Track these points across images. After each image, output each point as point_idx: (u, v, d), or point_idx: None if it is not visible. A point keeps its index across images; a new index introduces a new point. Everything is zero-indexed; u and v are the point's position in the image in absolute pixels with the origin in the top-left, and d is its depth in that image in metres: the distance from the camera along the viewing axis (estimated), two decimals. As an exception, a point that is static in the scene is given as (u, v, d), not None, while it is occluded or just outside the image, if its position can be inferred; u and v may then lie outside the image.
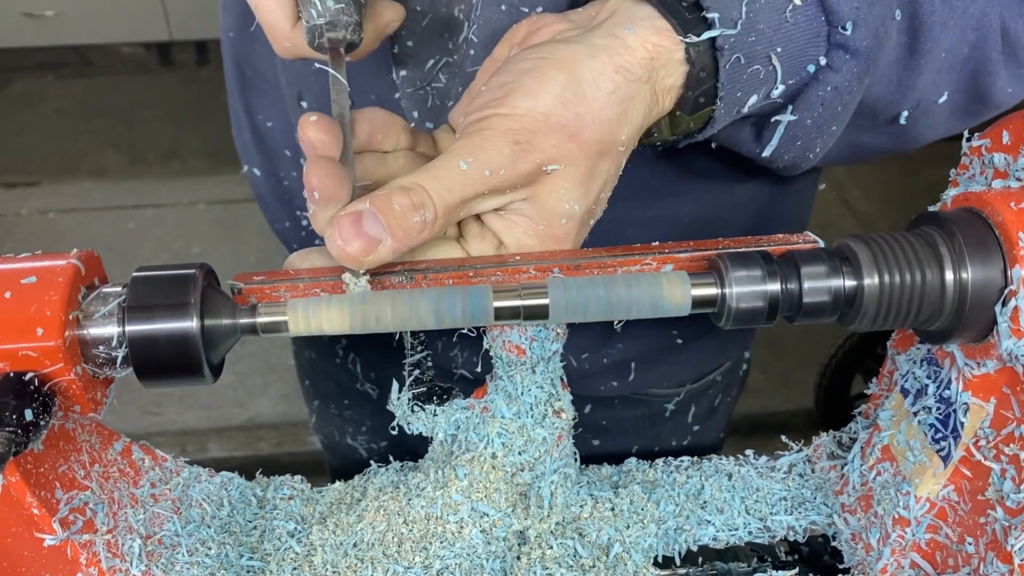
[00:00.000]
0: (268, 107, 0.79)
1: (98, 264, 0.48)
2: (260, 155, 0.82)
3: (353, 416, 0.95)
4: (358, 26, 0.52)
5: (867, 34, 0.50)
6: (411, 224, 0.45)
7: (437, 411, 0.58)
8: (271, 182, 0.83)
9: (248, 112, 0.81)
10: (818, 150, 0.56)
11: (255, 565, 0.57)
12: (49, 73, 3.60)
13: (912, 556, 0.55)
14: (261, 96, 0.79)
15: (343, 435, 0.97)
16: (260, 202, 0.86)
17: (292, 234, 0.84)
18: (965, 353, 0.49)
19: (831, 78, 0.51)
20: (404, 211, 0.45)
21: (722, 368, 0.86)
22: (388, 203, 0.45)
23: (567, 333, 0.55)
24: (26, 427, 0.42)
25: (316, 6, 0.50)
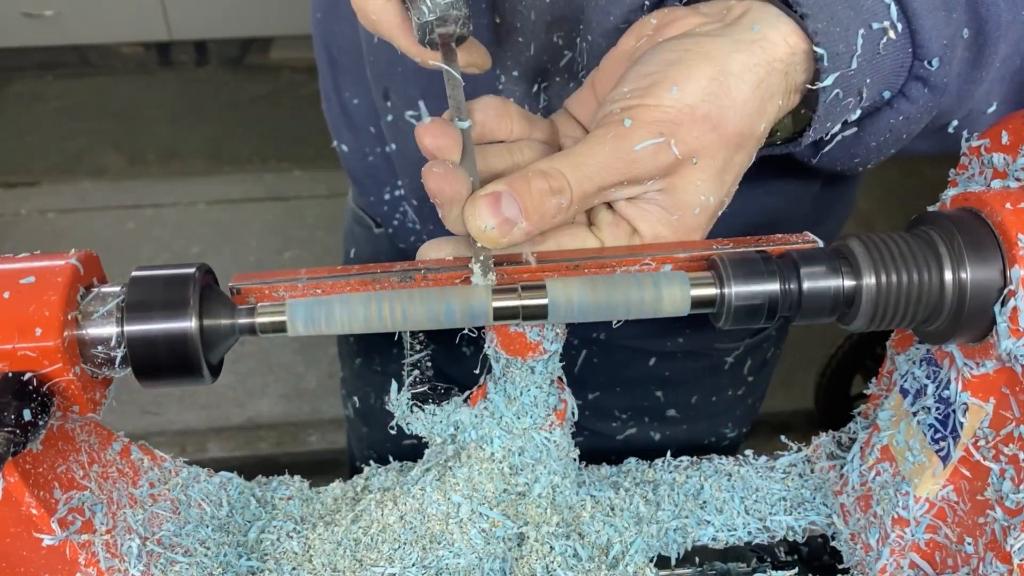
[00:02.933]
0: (354, 85, 0.81)
1: (97, 264, 0.48)
2: (348, 131, 0.85)
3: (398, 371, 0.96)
4: (467, 19, 0.52)
5: (949, 71, 0.51)
6: (547, 208, 0.46)
7: (436, 411, 0.58)
8: (357, 157, 0.86)
9: (336, 90, 0.84)
10: (870, 165, 0.57)
11: (254, 565, 0.57)
12: (49, 73, 3.59)
13: (911, 556, 0.55)
14: (347, 75, 0.82)
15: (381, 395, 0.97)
16: (349, 175, 0.90)
17: (377, 206, 0.88)
18: (964, 353, 0.49)
19: (905, 108, 0.52)
20: (541, 195, 0.46)
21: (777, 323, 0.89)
22: (526, 186, 0.46)
23: (567, 333, 0.55)
24: (25, 427, 0.42)
25: (426, 2, 0.50)
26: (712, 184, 0.49)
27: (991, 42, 0.54)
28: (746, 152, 0.50)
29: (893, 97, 0.52)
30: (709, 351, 0.86)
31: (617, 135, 0.47)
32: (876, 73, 0.51)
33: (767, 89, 0.49)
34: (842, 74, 0.49)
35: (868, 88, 0.51)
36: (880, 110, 0.53)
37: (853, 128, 0.54)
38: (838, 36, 0.49)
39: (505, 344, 0.54)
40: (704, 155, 0.48)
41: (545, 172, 0.46)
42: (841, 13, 0.49)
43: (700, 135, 0.47)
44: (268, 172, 3.11)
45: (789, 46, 0.49)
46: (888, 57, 0.50)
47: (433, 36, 0.52)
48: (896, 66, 0.51)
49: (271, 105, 3.48)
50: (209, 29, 3.48)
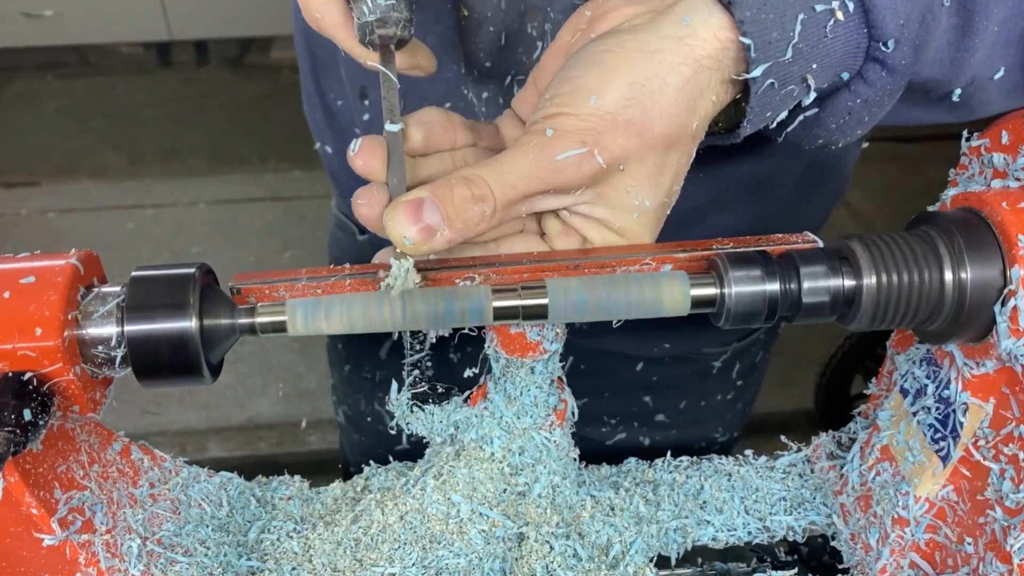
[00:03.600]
0: (338, 86, 0.80)
1: (97, 264, 0.48)
2: (331, 132, 0.84)
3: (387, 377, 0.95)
4: (408, 23, 0.52)
5: (907, 52, 0.49)
6: (469, 215, 0.46)
7: (436, 411, 0.58)
8: (341, 159, 0.84)
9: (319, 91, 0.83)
10: (841, 143, 0.55)
11: (254, 565, 0.57)
12: (49, 73, 3.60)
13: (911, 556, 0.55)
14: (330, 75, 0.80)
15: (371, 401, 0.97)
16: (332, 178, 0.88)
17: None
18: (964, 353, 0.49)
19: (863, 90, 0.50)
20: (464, 202, 0.45)
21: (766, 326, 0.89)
22: (448, 193, 0.45)
23: (567, 333, 0.55)
24: (25, 427, 0.42)
25: (367, 2, 0.50)
26: (646, 188, 0.48)
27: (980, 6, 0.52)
28: (681, 151, 0.49)
29: (851, 79, 0.50)
30: (696, 356, 0.86)
31: (540, 144, 0.46)
32: (825, 57, 0.48)
33: (695, 87, 0.47)
34: (775, 63, 0.47)
35: (816, 73, 0.48)
36: (838, 91, 0.51)
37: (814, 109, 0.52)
38: (771, 23, 0.46)
39: (505, 344, 0.54)
40: (631, 160, 0.47)
41: (468, 179, 0.46)
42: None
43: (624, 142, 0.46)
44: (268, 172, 3.11)
45: (719, 40, 0.47)
46: (839, 39, 0.48)
47: (373, 37, 0.52)
48: (851, 47, 0.48)
49: (271, 105, 3.48)
50: (209, 29, 3.48)
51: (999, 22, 0.53)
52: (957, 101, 0.56)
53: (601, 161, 0.46)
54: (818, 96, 0.51)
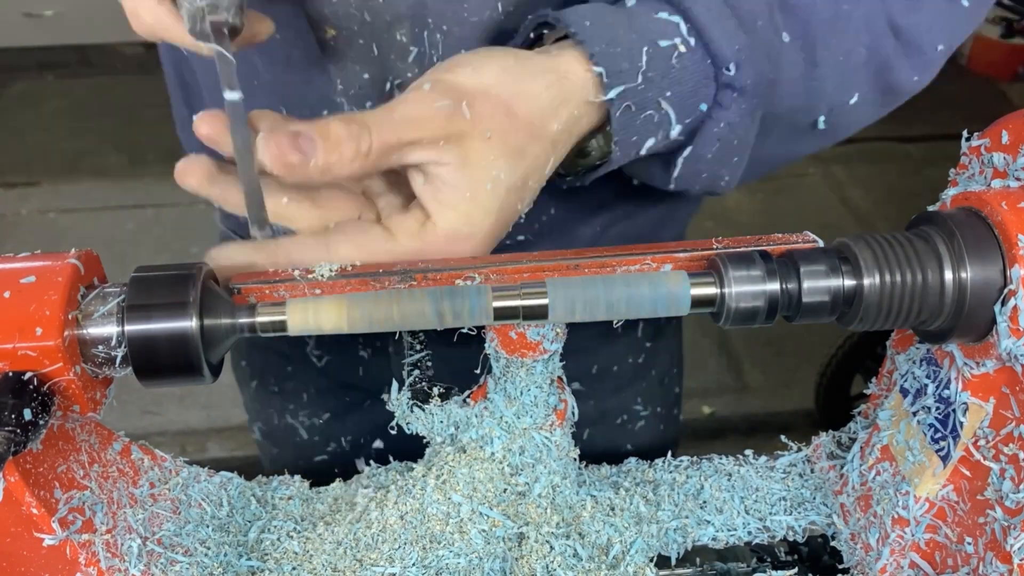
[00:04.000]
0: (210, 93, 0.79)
1: (97, 264, 0.48)
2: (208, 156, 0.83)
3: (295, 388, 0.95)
4: (240, 9, 0.51)
5: (751, 73, 0.54)
6: (345, 150, 0.48)
7: (436, 411, 0.58)
8: None
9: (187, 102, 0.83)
10: (727, 178, 0.60)
11: (254, 565, 0.57)
12: (49, 73, 3.60)
13: (911, 556, 0.55)
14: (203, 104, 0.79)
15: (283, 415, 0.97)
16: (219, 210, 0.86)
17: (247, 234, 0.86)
18: (964, 353, 0.49)
19: (722, 115, 0.55)
20: (340, 137, 0.48)
21: None
22: (325, 128, 0.48)
23: (567, 333, 0.55)
24: (25, 427, 0.42)
25: None
26: (504, 163, 0.51)
27: (819, 40, 0.58)
28: (540, 146, 0.53)
29: (710, 108, 0.55)
30: None
31: (417, 96, 0.50)
32: (676, 85, 0.54)
33: (560, 92, 0.52)
34: (629, 88, 0.53)
35: (672, 102, 0.54)
36: (703, 123, 0.56)
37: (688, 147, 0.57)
38: (620, 55, 0.52)
39: (505, 344, 0.54)
40: (496, 131, 0.51)
41: (345, 120, 0.48)
42: (623, 36, 0.53)
43: (492, 112, 0.51)
44: (268, 172, 3.10)
45: (582, 67, 0.53)
46: (687, 70, 0.54)
47: (204, 25, 0.51)
48: (700, 76, 0.54)
49: (271, 105, 3.47)
50: (209, 29, 3.47)
51: (841, 52, 0.59)
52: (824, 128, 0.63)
53: (467, 114, 0.50)
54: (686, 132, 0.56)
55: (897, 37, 0.60)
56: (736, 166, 0.59)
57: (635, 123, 0.54)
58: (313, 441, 0.96)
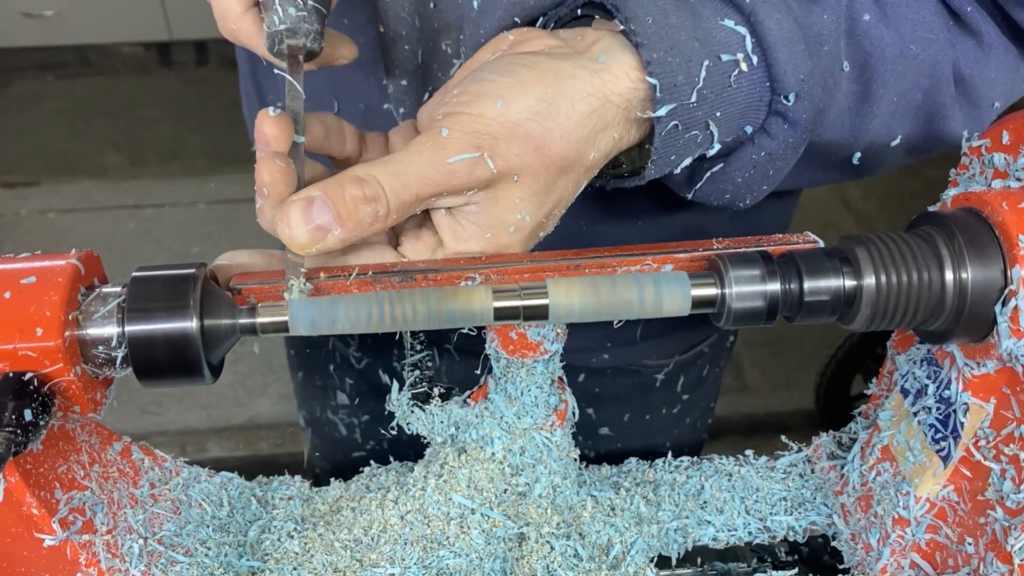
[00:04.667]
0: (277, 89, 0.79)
1: (98, 264, 0.48)
2: None
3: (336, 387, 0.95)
4: (319, 35, 0.52)
5: (808, 107, 0.50)
6: (362, 216, 0.45)
7: (436, 411, 0.58)
8: None
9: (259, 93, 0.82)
10: (749, 200, 0.56)
11: (255, 565, 0.57)
12: (49, 73, 3.59)
13: (912, 556, 0.55)
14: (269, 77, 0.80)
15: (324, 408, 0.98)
16: None
17: None
18: (965, 353, 0.49)
19: (766, 144, 0.51)
20: (356, 202, 0.45)
21: (709, 340, 0.88)
22: (340, 193, 0.45)
23: (567, 333, 0.55)
24: (26, 427, 0.42)
25: (278, 12, 0.50)
26: (531, 204, 0.49)
27: (878, 75, 0.54)
28: (572, 178, 0.49)
29: (755, 133, 0.51)
30: (638, 368, 0.85)
31: (434, 144, 0.46)
32: (728, 106, 0.49)
33: (600, 120, 0.48)
34: (680, 106, 0.48)
35: (720, 122, 0.50)
36: (743, 145, 0.52)
37: (719, 163, 0.53)
38: (677, 67, 0.48)
39: (505, 344, 0.54)
40: (525, 174, 0.47)
41: (361, 179, 0.45)
42: (684, 44, 0.48)
43: (521, 153, 0.47)
44: (268, 172, 3.10)
45: (631, 80, 0.48)
46: (742, 90, 0.49)
47: (282, 47, 0.51)
48: (754, 100, 0.50)
49: (271, 105, 3.47)
50: (209, 29, 3.43)
51: (897, 93, 0.55)
52: (857, 164, 0.59)
53: (493, 167, 0.46)
54: (723, 151, 0.52)
55: (958, 86, 0.57)
56: (763, 192, 0.56)
57: (678, 142, 0.50)
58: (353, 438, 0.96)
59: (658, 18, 0.48)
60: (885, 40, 0.53)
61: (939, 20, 0.55)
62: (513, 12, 0.55)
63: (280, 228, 0.46)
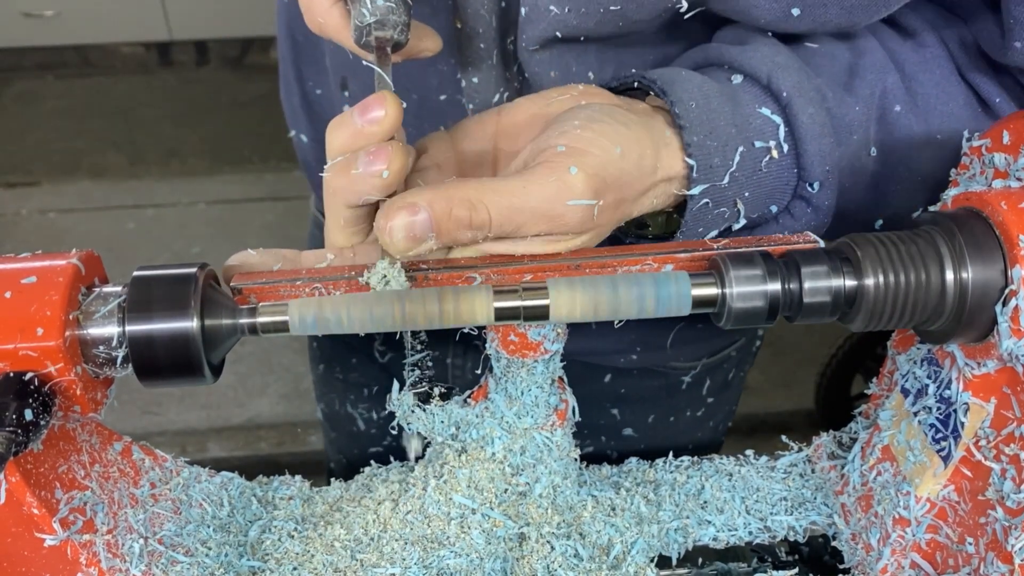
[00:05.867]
0: (318, 75, 0.80)
1: (98, 264, 0.48)
2: (308, 121, 0.84)
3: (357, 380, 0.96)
4: (406, 27, 0.52)
5: (831, 195, 0.53)
6: (460, 238, 0.46)
7: (437, 411, 0.58)
8: (317, 149, 0.84)
9: (299, 79, 0.83)
10: None
11: (255, 565, 0.57)
12: (49, 73, 3.59)
13: (912, 556, 0.55)
14: (311, 64, 0.80)
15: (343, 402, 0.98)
16: (306, 168, 0.88)
17: None
18: (965, 353, 0.49)
19: (788, 223, 0.54)
20: (459, 224, 0.45)
21: (737, 344, 0.89)
22: (447, 211, 0.45)
23: (567, 333, 0.55)
24: (26, 427, 0.42)
25: (366, 4, 0.50)
26: None
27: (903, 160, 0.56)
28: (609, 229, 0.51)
29: (779, 212, 0.55)
30: (665, 369, 0.85)
31: (559, 181, 0.45)
32: (757, 188, 0.52)
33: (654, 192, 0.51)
34: (712, 186, 0.51)
35: (748, 201, 0.53)
36: (767, 222, 0.55)
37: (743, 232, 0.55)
38: (714, 150, 0.50)
39: (506, 344, 0.54)
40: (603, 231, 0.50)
41: (472, 204, 0.45)
42: (723, 129, 0.51)
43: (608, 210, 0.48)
44: (268, 172, 3.11)
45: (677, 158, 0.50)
46: (771, 175, 0.52)
47: (370, 39, 0.52)
48: (781, 184, 0.53)
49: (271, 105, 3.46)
50: (209, 29, 3.47)
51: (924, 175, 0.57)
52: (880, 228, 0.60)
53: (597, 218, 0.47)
54: (747, 225, 0.55)
55: None
56: None
57: (707, 217, 0.52)
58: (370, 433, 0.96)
59: (701, 103, 0.51)
60: (914, 129, 0.56)
61: (968, 112, 0.57)
62: (555, 27, 0.56)
63: (380, 227, 0.45)
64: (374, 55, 0.52)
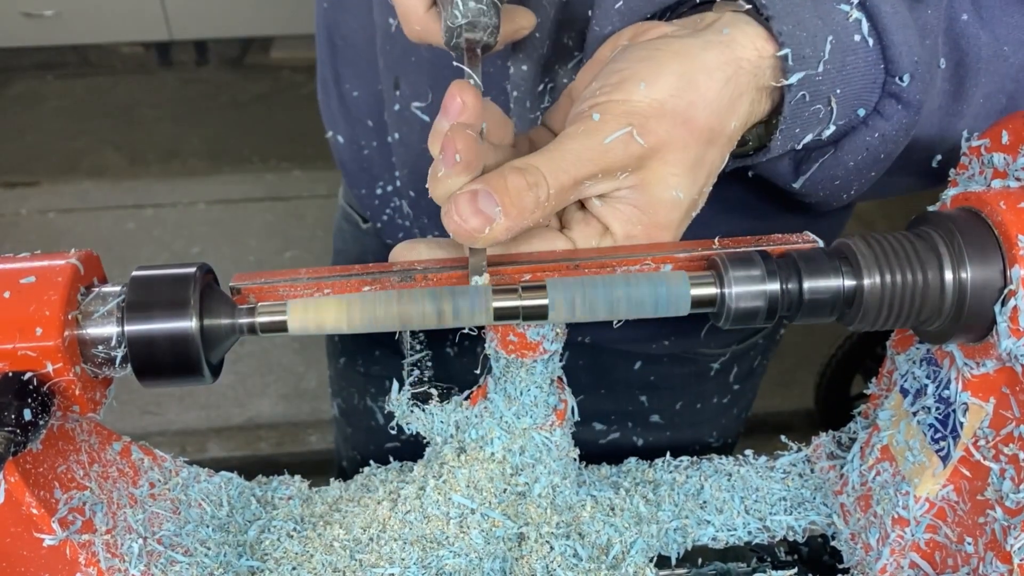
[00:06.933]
0: (355, 77, 0.82)
1: (97, 264, 0.48)
2: (344, 122, 0.85)
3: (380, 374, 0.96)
4: (496, 29, 0.53)
5: (920, 88, 0.52)
6: (525, 203, 0.46)
7: (436, 411, 0.58)
8: (352, 149, 0.86)
9: (336, 80, 0.84)
10: (853, 191, 0.58)
11: (254, 565, 0.57)
12: (49, 73, 3.60)
13: (911, 556, 0.55)
14: (349, 66, 0.82)
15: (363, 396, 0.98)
16: (341, 167, 0.90)
17: (367, 200, 0.87)
18: (964, 353, 0.49)
19: (880, 125, 0.53)
20: (518, 190, 0.45)
21: (764, 331, 0.90)
22: (503, 182, 0.45)
23: (567, 333, 0.55)
24: (25, 427, 0.42)
25: (458, 6, 0.51)
26: (684, 179, 0.49)
27: (971, 74, 0.55)
28: (718, 149, 0.50)
29: (868, 115, 0.53)
30: (695, 356, 0.86)
31: (587, 129, 0.47)
32: (846, 84, 0.51)
33: (736, 86, 0.49)
34: (808, 76, 0.50)
35: (839, 99, 0.51)
36: (856, 128, 0.54)
37: (831, 149, 0.55)
38: (804, 40, 0.50)
39: (505, 344, 0.54)
40: (674, 148, 0.48)
41: (520, 168, 0.46)
42: (809, 21, 0.50)
43: (670, 128, 0.48)
44: (268, 172, 3.11)
45: (757, 49, 0.50)
46: (859, 71, 0.51)
47: (460, 40, 0.52)
48: (868, 81, 0.52)
49: (271, 105, 3.48)
50: (209, 29, 3.48)
51: (984, 95, 0.57)
52: (936, 168, 0.60)
53: (642, 142, 0.47)
54: (835, 136, 0.53)
55: None
56: (869, 181, 0.57)
57: (804, 114, 0.51)
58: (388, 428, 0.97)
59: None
60: (981, 40, 0.55)
61: None
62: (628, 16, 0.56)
63: (449, 218, 0.46)
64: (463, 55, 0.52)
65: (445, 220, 0.46)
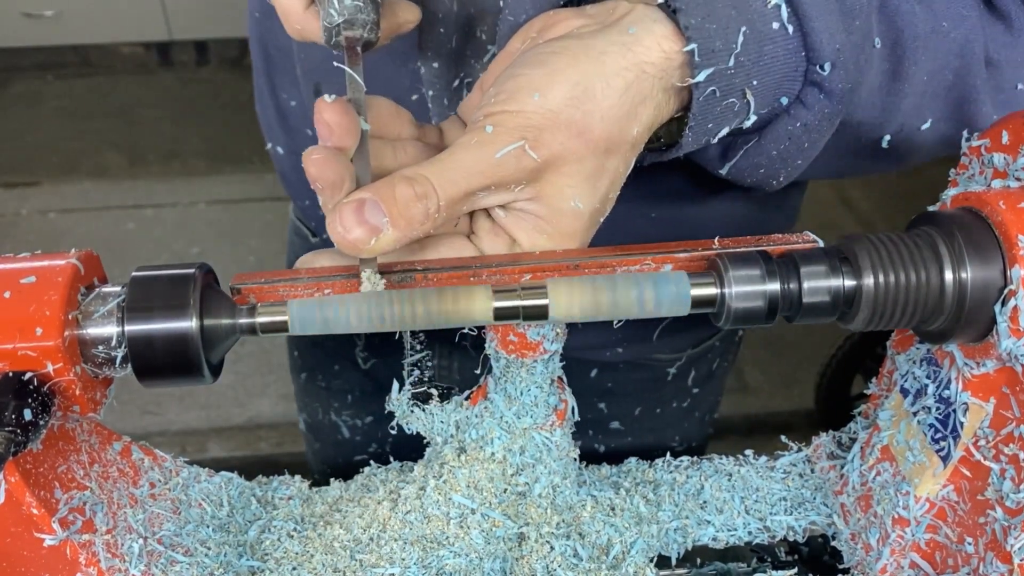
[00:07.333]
0: (291, 86, 0.80)
1: (97, 264, 0.48)
2: (283, 133, 0.84)
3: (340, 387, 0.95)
4: (375, 25, 0.52)
5: (844, 77, 0.50)
6: (413, 213, 0.45)
7: (436, 411, 0.58)
8: (292, 160, 0.84)
9: (272, 91, 0.83)
10: (782, 178, 0.56)
11: (254, 565, 0.57)
12: (49, 73, 3.60)
13: (912, 556, 0.55)
14: (284, 75, 0.80)
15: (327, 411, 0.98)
16: (283, 179, 0.88)
17: (311, 212, 0.86)
18: (964, 353, 0.49)
19: (802, 114, 0.52)
20: (407, 200, 0.45)
21: (720, 334, 0.89)
22: (391, 192, 0.45)
23: (567, 332, 0.55)
24: (25, 427, 0.42)
25: (334, 4, 0.50)
26: (583, 190, 0.49)
27: (910, 52, 0.54)
28: (620, 157, 0.49)
29: (790, 103, 0.51)
30: (650, 362, 0.85)
31: (480, 141, 0.46)
32: (765, 75, 0.50)
33: (637, 93, 0.48)
34: (717, 71, 0.48)
35: (757, 91, 0.50)
36: (778, 117, 0.52)
37: (755, 137, 0.53)
38: (714, 33, 0.48)
39: (505, 344, 0.54)
40: (569, 160, 0.48)
41: (410, 178, 0.46)
42: (721, 11, 0.48)
43: (564, 140, 0.47)
44: (268, 172, 3.10)
45: (663, 51, 0.48)
46: (779, 60, 0.49)
47: (339, 39, 0.51)
48: (789, 70, 0.50)
49: (271, 105, 3.47)
50: (209, 29, 3.47)
51: (928, 72, 0.55)
52: (886, 148, 0.58)
53: (535, 156, 0.47)
54: (759, 124, 0.52)
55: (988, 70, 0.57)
56: (797, 168, 0.55)
57: (715, 110, 0.50)
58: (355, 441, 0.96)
59: None
60: (917, 16, 0.53)
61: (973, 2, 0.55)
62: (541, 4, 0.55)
63: (332, 229, 0.45)
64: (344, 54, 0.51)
65: (328, 230, 0.46)
